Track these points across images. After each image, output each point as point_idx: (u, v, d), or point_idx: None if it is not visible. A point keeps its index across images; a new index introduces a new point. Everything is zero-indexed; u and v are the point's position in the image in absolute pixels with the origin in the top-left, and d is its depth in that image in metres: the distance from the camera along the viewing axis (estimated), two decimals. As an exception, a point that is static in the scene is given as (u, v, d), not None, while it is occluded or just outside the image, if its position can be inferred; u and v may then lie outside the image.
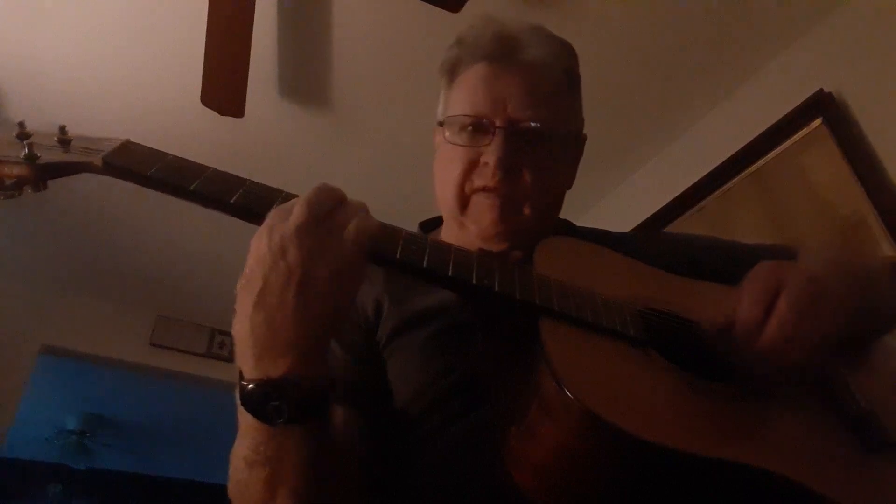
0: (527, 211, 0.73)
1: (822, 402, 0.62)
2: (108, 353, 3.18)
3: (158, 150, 0.59)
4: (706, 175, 2.12)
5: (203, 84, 1.85)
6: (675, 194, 2.22)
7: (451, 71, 0.80)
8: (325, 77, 2.06)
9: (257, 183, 0.58)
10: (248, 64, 1.80)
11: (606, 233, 0.88)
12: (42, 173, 0.57)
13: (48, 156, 0.58)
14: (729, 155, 2.06)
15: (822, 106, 1.82)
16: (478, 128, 0.73)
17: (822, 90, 1.82)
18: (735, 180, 2.05)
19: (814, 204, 1.82)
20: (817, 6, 1.87)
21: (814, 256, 0.65)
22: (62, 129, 0.60)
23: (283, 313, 0.48)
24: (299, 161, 2.38)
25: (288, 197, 0.56)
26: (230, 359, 3.39)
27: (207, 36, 1.74)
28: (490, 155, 0.71)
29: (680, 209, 2.20)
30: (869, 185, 1.68)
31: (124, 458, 5.47)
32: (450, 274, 0.56)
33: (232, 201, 0.56)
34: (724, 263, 0.75)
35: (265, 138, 2.27)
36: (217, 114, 1.93)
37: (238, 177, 0.58)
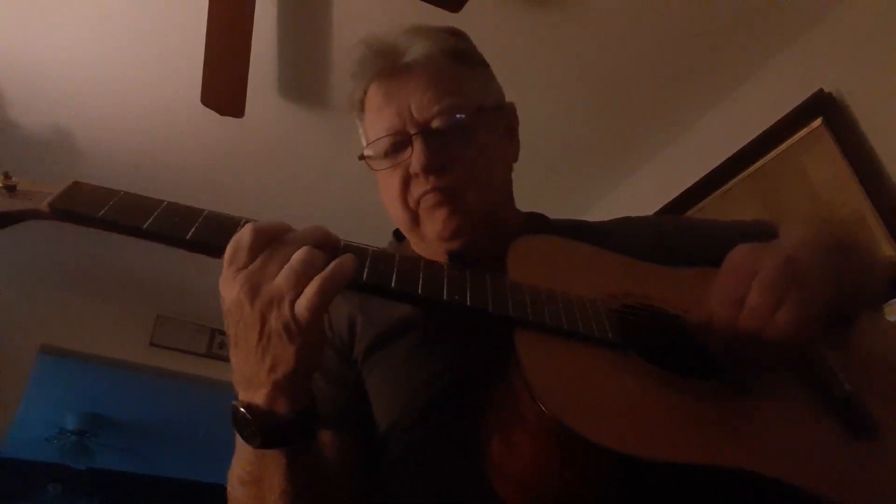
0: (471, 198, 0.72)
1: (805, 386, 0.61)
2: (108, 353, 3.18)
3: (109, 189, 0.56)
4: (706, 175, 2.13)
5: (203, 84, 1.85)
6: (675, 194, 2.22)
7: (354, 105, 0.80)
8: (325, 77, 2.06)
9: (214, 213, 0.56)
10: (248, 64, 1.80)
11: (582, 223, 0.87)
12: None
13: None
14: (729, 155, 2.06)
15: (822, 106, 1.82)
16: (396, 144, 0.73)
17: (822, 90, 1.82)
18: (735, 180, 2.05)
19: (814, 204, 1.82)
20: (817, 6, 1.87)
21: (792, 234, 0.64)
22: (6, 175, 0.58)
23: (251, 358, 0.50)
24: (299, 161, 2.38)
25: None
26: (230, 359, 3.40)
27: (207, 36, 1.74)
28: (414, 164, 0.71)
29: (680, 209, 2.20)
30: (869, 185, 1.68)
31: (124, 458, 5.47)
32: (419, 292, 0.55)
33: (188, 237, 0.53)
34: (703, 245, 0.75)
35: (265, 138, 2.27)
36: (217, 114, 1.93)
37: (195, 209, 0.56)
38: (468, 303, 0.56)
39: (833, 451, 0.57)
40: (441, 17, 1.71)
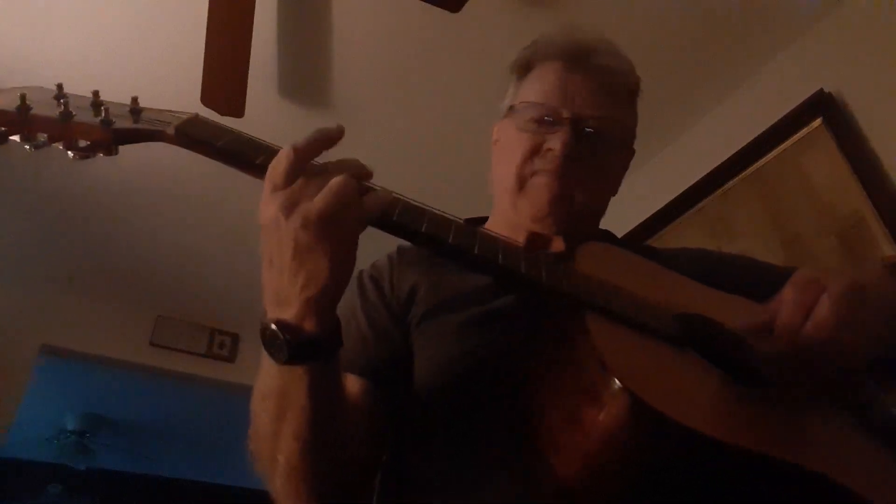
0: (579, 202, 0.77)
1: (852, 414, 0.62)
2: (108, 353, 3.17)
3: (224, 126, 0.62)
4: (706, 175, 2.12)
5: (203, 84, 1.85)
6: (675, 194, 2.22)
7: (525, 66, 0.85)
8: (325, 77, 2.06)
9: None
10: (248, 64, 1.80)
11: (646, 245, 0.92)
12: (116, 138, 0.60)
13: (122, 122, 0.60)
14: (729, 155, 2.06)
15: (822, 106, 1.82)
16: (546, 116, 0.78)
17: (822, 90, 1.82)
18: (735, 180, 2.05)
19: (814, 204, 1.82)
20: (817, 6, 1.87)
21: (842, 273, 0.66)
22: (134, 100, 0.64)
23: (285, 275, 0.52)
24: (299, 161, 2.38)
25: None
26: (230, 359, 3.40)
27: (207, 36, 1.74)
28: (556, 141, 0.75)
29: (680, 209, 2.20)
30: (869, 185, 1.68)
31: (124, 458, 5.46)
32: (500, 262, 0.58)
33: None
34: (760, 282, 0.76)
35: (265, 138, 2.26)
36: (217, 114, 1.93)
37: None
38: (544, 279, 0.58)
39: (882, 469, 0.58)
40: (441, 17, 1.72)
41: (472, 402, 0.66)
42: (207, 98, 1.88)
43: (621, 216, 2.34)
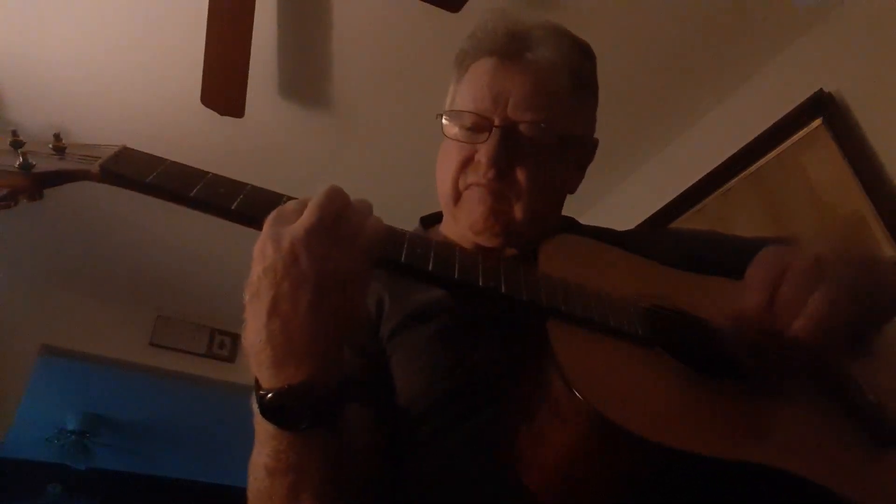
0: (518, 209, 0.73)
1: (829, 396, 0.61)
2: (108, 353, 3.17)
3: (156, 156, 0.57)
4: (706, 175, 2.13)
5: (203, 84, 1.85)
6: (675, 194, 2.22)
7: (460, 63, 0.81)
8: (325, 77, 2.06)
9: (258, 187, 0.57)
10: (248, 64, 1.80)
11: (611, 231, 0.88)
12: (38, 183, 0.56)
13: (43, 164, 0.56)
14: (729, 155, 2.06)
15: (822, 106, 1.82)
16: (476, 125, 0.74)
17: (822, 90, 1.82)
18: (735, 180, 2.05)
19: (814, 204, 1.82)
20: (817, 6, 1.87)
21: (815, 245, 0.64)
22: (57, 137, 0.59)
23: (299, 319, 0.47)
24: (299, 161, 2.38)
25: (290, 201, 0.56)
26: (230, 359, 3.40)
27: (207, 36, 1.74)
28: (483, 153, 0.72)
29: (680, 209, 2.20)
30: (869, 185, 1.68)
31: (124, 458, 5.47)
32: (456, 277, 0.56)
33: (233, 207, 0.55)
34: (728, 257, 0.75)
35: (265, 138, 2.27)
36: (217, 114, 1.93)
37: (238, 181, 0.57)
38: (503, 290, 0.56)
39: (858, 457, 0.57)
40: (441, 17, 1.72)
41: (446, 419, 0.65)
42: (207, 98, 1.88)
43: (622, 216, 2.35)
